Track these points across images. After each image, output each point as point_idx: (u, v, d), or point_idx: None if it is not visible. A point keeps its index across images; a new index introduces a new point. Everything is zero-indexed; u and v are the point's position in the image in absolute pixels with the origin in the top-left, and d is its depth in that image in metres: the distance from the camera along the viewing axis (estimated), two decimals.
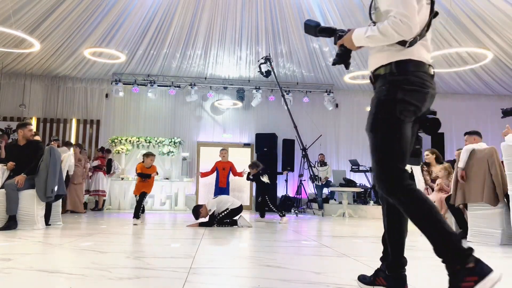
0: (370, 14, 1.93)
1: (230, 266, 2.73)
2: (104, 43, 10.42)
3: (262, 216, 7.44)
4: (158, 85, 12.25)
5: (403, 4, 1.70)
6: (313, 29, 2.07)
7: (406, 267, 1.91)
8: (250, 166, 7.54)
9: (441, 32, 9.61)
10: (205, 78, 12.57)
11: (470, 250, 1.64)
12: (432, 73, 1.87)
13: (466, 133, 5.59)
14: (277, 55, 11.38)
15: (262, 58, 8.99)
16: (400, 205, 1.75)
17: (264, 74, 8.64)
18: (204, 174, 8.11)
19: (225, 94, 12.85)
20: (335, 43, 2.01)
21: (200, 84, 12.50)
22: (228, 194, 7.74)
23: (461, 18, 9.00)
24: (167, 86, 12.41)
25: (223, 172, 7.92)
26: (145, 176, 6.20)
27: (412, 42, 1.78)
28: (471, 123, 11.97)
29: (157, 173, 6.39)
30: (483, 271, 1.57)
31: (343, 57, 1.97)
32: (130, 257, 2.93)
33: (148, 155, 6.35)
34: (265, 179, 7.38)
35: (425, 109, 1.88)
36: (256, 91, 12.34)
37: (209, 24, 10.26)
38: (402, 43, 1.77)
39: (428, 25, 1.85)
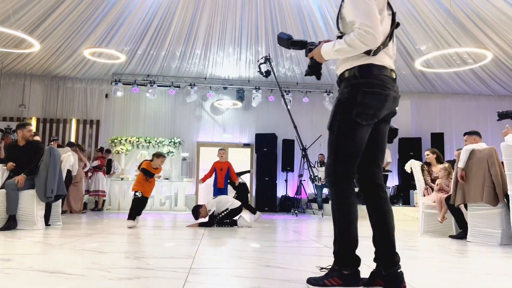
0: (337, 23, 2.03)
1: (230, 266, 2.73)
2: (104, 43, 10.42)
3: (254, 212, 7.35)
4: (158, 85, 12.24)
5: (366, 16, 1.82)
6: (286, 41, 2.21)
7: (400, 264, 1.94)
8: None
9: (440, 32, 9.61)
10: (205, 78, 12.57)
11: (355, 263, 1.89)
12: (394, 76, 2.00)
13: (465, 133, 5.58)
14: (276, 55, 11.38)
15: (261, 58, 8.97)
16: (331, 199, 1.98)
17: (264, 74, 8.61)
18: (204, 179, 7.83)
19: (225, 94, 12.85)
20: (306, 56, 2.12)
21: (200, 84, 12.49)
22: (226, 194, 7.71)
23: (461, 18, 8.99)
24: (167, 86, 12.40)
25: (221, 173, 7.74)
26: (149, 174, 5.87)
27: (376, 51, 1.92)
28: (471, 123, 11.97)
29: (159, 176, 6.14)
30: (350, 282, 1.82)
31: (314, 69, 2.11)
32: (130, 257, 2.93)
33: (159, 155, 5.93)
34: (239, 179, 7.46)
35: (388, 111, 1.99)
36: (256, 91, 12.34)
37: (209, 24, 10.26)
38: (367, 52, 1.90)
39: (390, 35, 1.98)
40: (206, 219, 5.93)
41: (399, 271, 1.92)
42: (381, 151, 2.09)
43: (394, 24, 2.00)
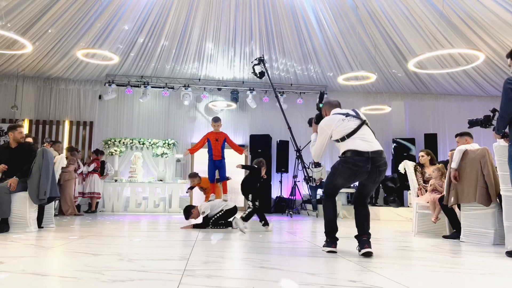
0: None
1: (225, 268, 2.73)
2: (98, 44, 10.37)
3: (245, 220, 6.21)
4: (152, 87, 12.20)
5: (316, 146, 3.58)
6: (318, 103, 3.77)
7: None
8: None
9: (433, 33, 9.67)
10: (199, 79, 12.55)
11: (333, 237, 3.57)
12: (369, 155, 3.26)
13: (457, 135, 5.62)
14: (270, 57, 11.39)
15: (255, 59, 8.96)
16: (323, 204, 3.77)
17: (258, 75, 8.61)
18: (193, 150, 6.89)
19: (219, 95, 12.83)
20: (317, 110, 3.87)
21: (194, 86, 12.47)
22: (224, 167, 6.73)
23: (454, 20, 9.06)
24: (160, 87, 12.36)
25: (216, 144, 6.72)
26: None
27: (343, 139, 3.38)
28: (464, 123, 11.91)
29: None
30: (329, 245, 3.51)
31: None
32: (123, 259, 2.92)
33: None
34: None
35: (363, 177, 3.38)
36: (250, 92, 12.34)
37: (203, 25, 10.25)
38: (336, 140, 3.47)
39: (355, 131, 3.36)
40: (198, 221, 5.91)
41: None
42: (366, 190, 3.53)
43: (360, 124, 3.40)
